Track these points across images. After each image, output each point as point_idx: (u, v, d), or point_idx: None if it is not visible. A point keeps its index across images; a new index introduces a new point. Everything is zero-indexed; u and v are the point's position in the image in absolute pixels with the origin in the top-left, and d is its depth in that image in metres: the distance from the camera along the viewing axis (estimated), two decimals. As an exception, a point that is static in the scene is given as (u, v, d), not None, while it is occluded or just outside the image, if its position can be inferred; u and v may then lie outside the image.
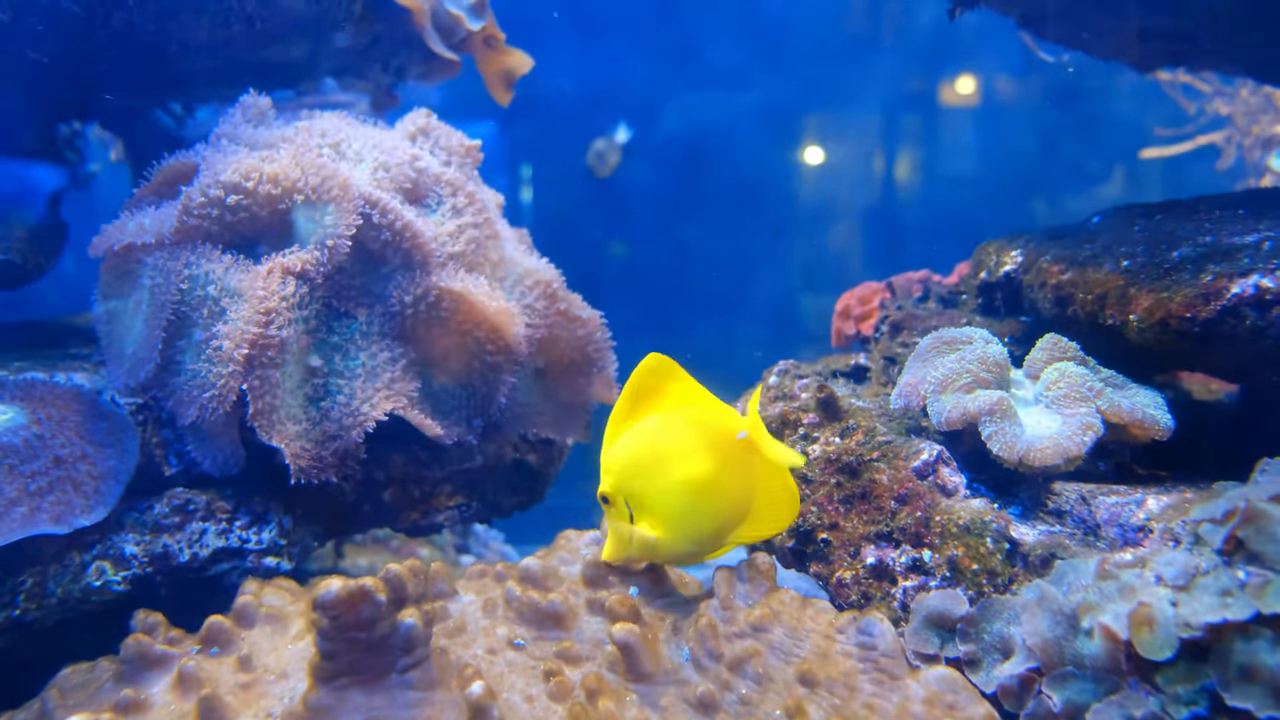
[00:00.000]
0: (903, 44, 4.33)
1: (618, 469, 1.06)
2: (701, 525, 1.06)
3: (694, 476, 1.04)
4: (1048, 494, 1.11)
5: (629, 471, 1.06)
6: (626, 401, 1.09)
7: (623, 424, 1.09)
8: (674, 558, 1.10)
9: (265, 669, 1.04)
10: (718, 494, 1.06)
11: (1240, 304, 1.05)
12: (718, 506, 1.06)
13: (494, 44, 2.04)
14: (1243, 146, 3.22)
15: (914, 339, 1.55)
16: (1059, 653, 0.88)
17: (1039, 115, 4.14)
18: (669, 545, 1.07)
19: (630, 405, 1.09)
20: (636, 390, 1.09)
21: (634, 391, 1.09)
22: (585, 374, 1.64)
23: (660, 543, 1.06)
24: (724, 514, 1.07)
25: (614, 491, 1.06)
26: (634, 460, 1.06)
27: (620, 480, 1.06)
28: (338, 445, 1.33)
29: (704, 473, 1.05)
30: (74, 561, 1.23)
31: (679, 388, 1.10)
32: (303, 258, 1.30)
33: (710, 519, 1.07)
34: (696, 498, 1.05)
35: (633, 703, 0.96)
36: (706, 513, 1.06)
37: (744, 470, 1.07)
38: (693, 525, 1.06)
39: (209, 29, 1.65)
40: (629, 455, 1.06)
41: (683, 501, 1.05)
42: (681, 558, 1.10)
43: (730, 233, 4.27)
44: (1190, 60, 2.07)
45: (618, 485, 1.06)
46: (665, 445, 1.06)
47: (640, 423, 1.08)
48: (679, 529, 1.06)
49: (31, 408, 1.26)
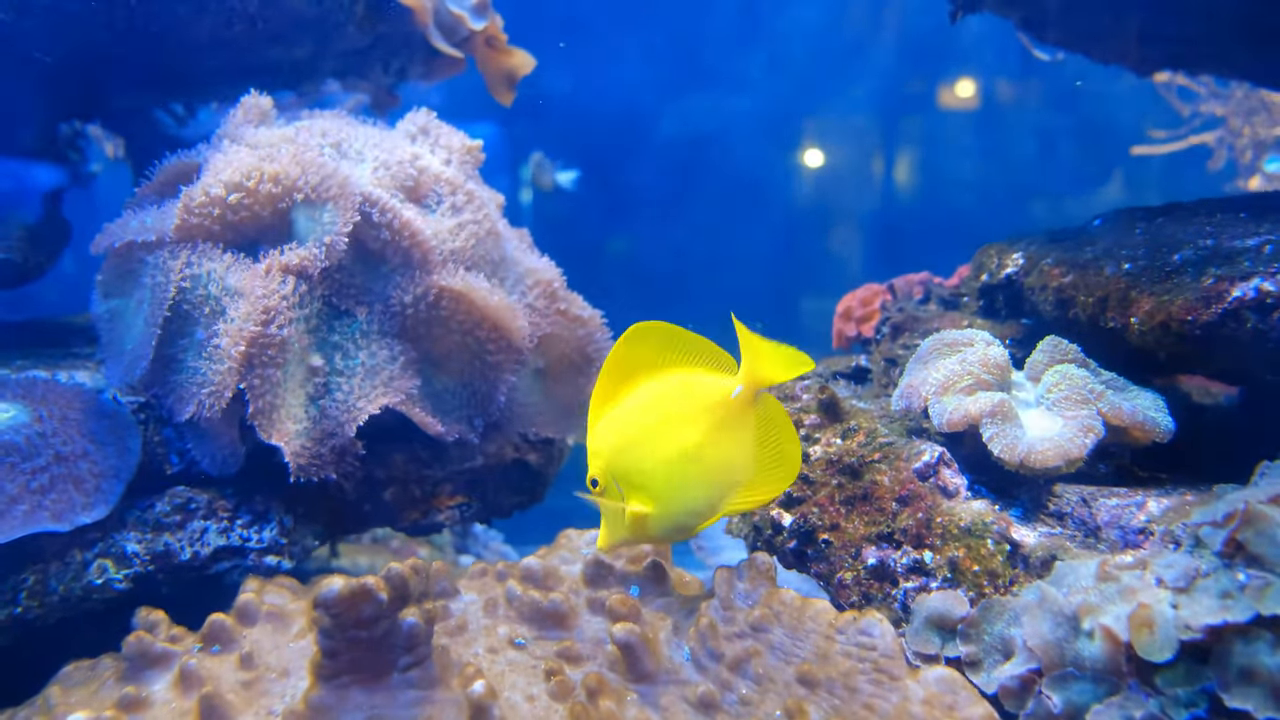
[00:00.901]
0: (902, 46, 4.33)
1: (604, 450, 1.04)
2: (695, 494, 1.04)
3: (683, 443, 1.02)
4: (1049, 496, 1.11)
5: (615, 450, 1.03)
6: (607, 381, 1.06)
7: (605, 405, 1.06)
8: (668, 532, 1.07)
9: (267, 667, 1.04)
10: (710, 459, 1.03)
11: (1241, 307, 1.05)
12: (711, 472, 1.04)
13: (496, 44, 2.04)
14: (1234, 148, 3.23)
15: (915, 341, 1.55)
16: (1059, 654, 0.88)
17: (1039, 118, 4.15)
18: (661, 518, 1.04)
19: (612, 384, 1.05)
20: (617, 367, 1.06)
21: (614, 369, 1.05)
22: (585, 373, 1.64)
23: (652, 517, 1.04)
24: (718, 480, 1.04)
25: (602, 473, 1.04)
26: (620, 438, 1.03)
27: (608, 461, 1.04)
28: (335, 442, 1.33)
29: (693, 438, 1.02)
30: (76, 559, 1.23)
31: (665, 355, 1.06)
32: (302, 256, 1.30)
33: (703, 486, 1.04)
34: (687, 464, 1.02)
35: (633, 702, 0.97)
36: (698, 480, 1.03)
37: (739, 431, 1.04)
38: (686, 495, 1.04)
39: (211, 29, 1.66)
40: (614, 434, 1.04)
41: (673, 471, 1.02)
42: (676, 530, 1.07)
43: (731, 234, 4.28)
44: (1188, 64, 2.08)
45: (606, 466, 1.04)
46: (651, 417, 1.03)
47: (623, 400, 1.05)
48: (671, 500, 1.03)
49: (33, 406, 1.26)
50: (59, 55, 1.61)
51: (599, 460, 1.05)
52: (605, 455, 1.04)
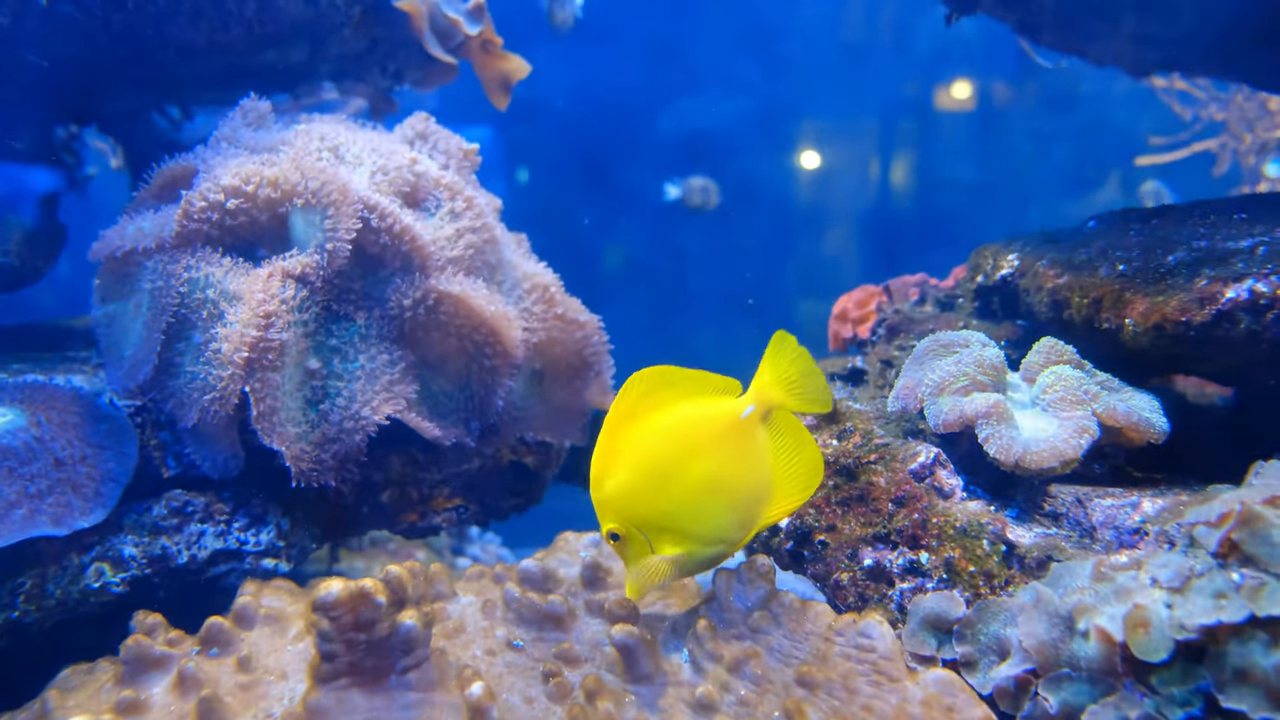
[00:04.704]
0: (899, 49, 4.34)
1: (618, 502, 0.99)
2: (725, 521, 1.01)
3: (704, 474, 1.00)
4: (1044, 496, 1.11)
5: (633, 498, 0.98)
6: (611, 434, 1.00)
7: (610, 457, 1.00)
8: (706, 564, 1.04)
9: (265, 670, 1.04)
10: (734, 483, 1.01)
11: (1235, 308, 1.06)
12: (737, 496, 1.02)
13: (491, 49, 2.04)
14: (1237, 153, 3.24)
15: (911, 342, 1.55)
16: (1055, 654, 0.88)
17: (1035, 120, 4.16)
18: (699, 555, 1.01)
19: (616, 435, 1.00)
20: (620, 419, 1.01)
21: (618, 421, 1.01)
22: (583, 377, 1.64)
23: (690, 556, 1.00)
24: (745, 501, 1.02)
25: (622, 525, 0.99)
26: (636, 485, 0.99)
27: (627, 511, 0.99)
28: (338, 448, 1.33)
29: (713, 467, 1.00)
30: (73, 563, 1.23)
31: (664, 396, 1.03)
32: (302, 261, 1.30)
33: (733, 511, 1.02)
34: (712, 495, 1.00)
35: (632, 704, 0.97)
36: (726, 507, 1.01)
37: (755, 448, 1.03)
38: (717, 525, 1.01)
39: (208, 33, 1.66)
40: (629, 482, 0.99)
41: (699, 504, 1.00)
42: (712, 563, 1.04)
43: (727, 237, 4.29)
44: (1185, 66, 2.09)
45: (626, 517, 0.99)
46: (663, 455, 1.00)
47: (629, 444, 1.00)
48: (704, 534, 1.00)
49: (31, 410, 1.26)
50: (55, 59, 1.61)
51: (613, 512, 0.99)
52: (621, 506, 0.99)
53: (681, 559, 1.01)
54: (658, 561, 1.00)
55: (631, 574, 1.01)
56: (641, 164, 4.30)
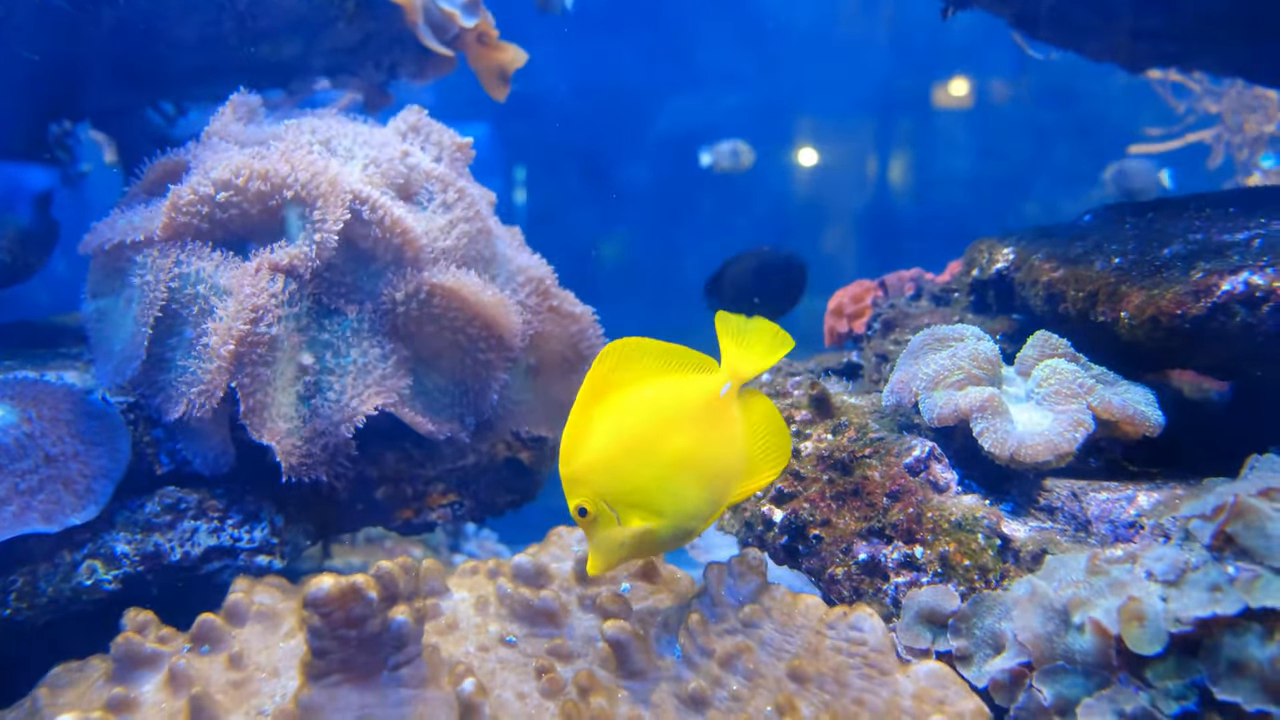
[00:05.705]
0: (895, 44, 4.34)
1: (590, 476, 0.97)
2: (695, 497, 1.00)
3: (676, 449, 0.99)
4: (1039, 490, 1.11)
5: (602, 473, 0.97)
6: (583, 408, 1.00)
7: (580, 431, 0.99)
8: (671, 542, 1.03)
9: (256, 667, 1.04)
10: (705, 460, 1.01)
11: (1230, 301, 1.05)
12: (708, 473, 1.01)
13: (487, 40, 2.03)
14: (1231, 145, 3.24)
15: (906, 336, 1.55)
16: (1050, 647, 0.88)
17: (1031, 115, 4.16)
18: (666, 531, 1.00)
19: (588, 410, 0.99)
20: (593, 393, 1.00)
21: (590, 395, 1.00)
22: (578, 371, 1.64)
23: (658, 531, 0.99)
24: (715, 479, 1.01)
25: (590, 499, 0.97)
26: (608, 459, 0.97)
27: (599, 485, 0.97)
28: (327, 441, 1.32)
29: (685, 442, 0.99)
30: (65, 560, 1.22)
31: (639, 369, 1.02)
32: (290, 253, 1.30)
33: (702, 488, 1.00)
34: (684, 470, 0.99)
35: (624, 699, 0.97)
36: (697, 483, 1.00)
37: (730, 425, 1.03)
38: (687, 501, 1.00)
39: (200, 27, 1.65)
40: (598, 457, 0.97)
41: (670, 479, 0.99)
42: (679, 539, 1.03)
43: (723, 231, 4.28)
44: (1181, 60, 2.08)
45: (597, 492, 0.97)
46: (636, 430, 0.99)
47: (600, 419, 0.99)
48: (676, 510, 0.99)
49: (22, 406, 1.26)
50: (47, 54, 1.60)
51: (584, 487, 0.97)
52: (590, 480, 0.97)
53: (648, 533, 0.98)
54: (623, 534, 0.98)
55: (594, 547, 0.99)
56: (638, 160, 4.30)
